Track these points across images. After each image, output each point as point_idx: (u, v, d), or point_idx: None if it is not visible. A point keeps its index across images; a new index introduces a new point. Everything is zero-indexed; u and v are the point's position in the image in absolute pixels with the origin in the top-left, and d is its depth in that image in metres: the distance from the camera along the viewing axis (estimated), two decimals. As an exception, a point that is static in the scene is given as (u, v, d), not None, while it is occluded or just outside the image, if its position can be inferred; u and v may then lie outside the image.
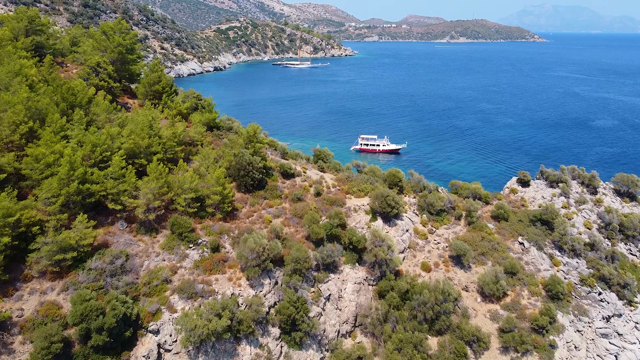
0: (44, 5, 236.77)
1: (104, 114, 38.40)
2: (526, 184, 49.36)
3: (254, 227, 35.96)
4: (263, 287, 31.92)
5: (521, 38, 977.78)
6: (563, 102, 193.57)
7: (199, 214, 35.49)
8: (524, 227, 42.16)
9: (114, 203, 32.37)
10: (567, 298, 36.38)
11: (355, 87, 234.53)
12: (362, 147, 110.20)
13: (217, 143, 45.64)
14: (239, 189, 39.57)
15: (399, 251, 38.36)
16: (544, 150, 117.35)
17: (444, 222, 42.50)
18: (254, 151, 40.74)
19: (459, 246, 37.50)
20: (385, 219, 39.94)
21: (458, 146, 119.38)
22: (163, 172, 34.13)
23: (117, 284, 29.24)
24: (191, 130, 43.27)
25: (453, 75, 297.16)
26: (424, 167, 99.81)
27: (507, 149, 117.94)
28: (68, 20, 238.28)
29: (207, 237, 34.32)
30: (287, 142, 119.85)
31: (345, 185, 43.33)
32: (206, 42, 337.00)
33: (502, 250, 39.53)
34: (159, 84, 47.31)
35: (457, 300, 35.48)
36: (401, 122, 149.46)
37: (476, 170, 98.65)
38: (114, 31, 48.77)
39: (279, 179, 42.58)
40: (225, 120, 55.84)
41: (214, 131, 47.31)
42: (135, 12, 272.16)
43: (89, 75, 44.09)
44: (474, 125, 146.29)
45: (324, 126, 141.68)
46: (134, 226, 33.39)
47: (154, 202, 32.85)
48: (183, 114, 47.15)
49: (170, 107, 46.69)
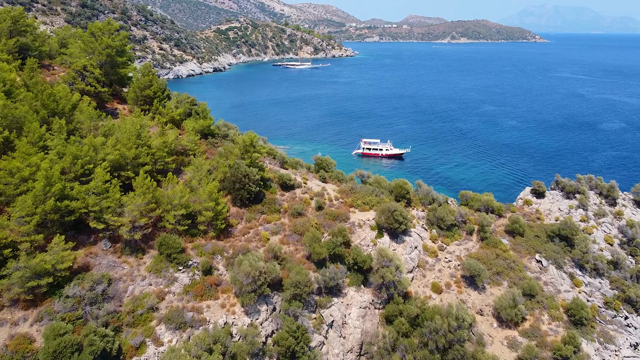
0: (41, 5, 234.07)
1: (88, 122, 35.49)
2: (541, 195, 46.42)
3: (250, 245, 33.05)
4: (259, 315, 29.00)
5: (522, 38, 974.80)
6: (567, 103, 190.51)
7: (190, 232, 32.58)
8: (542, 243, 39.21)
9: (96, 221, 29.47)
10: (592, 323, 33.47)
11: (356, 88, 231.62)
12: (364, 152, 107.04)
13: (212, 152, 42.73)
14: (234, 202, 36.66)
15: (408, 270, 35.43)
16: (551, 154, 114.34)
17: (454, 237, 39.56)
18: (250, 162, 37.84)
19: (473, 266, 34.56)
20: (392, 235, 37.01)
21: (462, 150, 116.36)
22: (151, 187, 31.23)
23: (97, 313, 26.33)
24: (184, 139, 40.35)
25: (455, 76, 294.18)
26: (428, 172, 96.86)
27: (513, 153, 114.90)
28: (65, 20, 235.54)
29: (198, 257, 31.40)
30: (287, 146, 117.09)
31: (348, 197, 40.40)
32: (206, 42, 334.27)
33: (518, 269, 36.58)
34: (150, 88, 44.38)
35: (472, 326, 32.55)
36: (403, 125, 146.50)
37: (482, 176, 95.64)
38: (103, 32, 45.86)
39: (278, 191, 39.67)
40: (222, 126, 53.00)
41: (209, 139, 44.40)
42: (134, 13, 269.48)
43: (75, 80, 41.18)
44: (478, 128, 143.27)
45: (325, 129, 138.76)
46: (118, 246, 30.48)
47: (140, 220, 29.95)
48: (176, 121, 44.27)
49: (162, 114, 43.80)
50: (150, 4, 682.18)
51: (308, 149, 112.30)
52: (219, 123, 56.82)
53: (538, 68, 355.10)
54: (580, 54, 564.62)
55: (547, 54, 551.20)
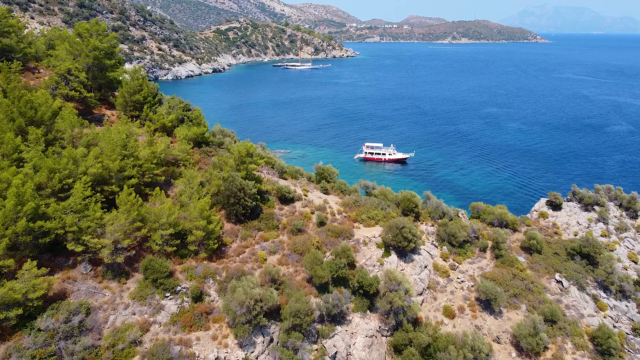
0: (38, 5, 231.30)
1: (69, 131, 32.60)
2: (557, 207, 43.51)
3: (246, 267, 30.16)
4: (255, 347, 26.11)
5: (523, 39, 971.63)
6: (572, 105, 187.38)
7: (179, 253, 29.69)
8: (561, 261, 36.31)
9: (75, 243, 26.61)
10: (620, 353, 30.59)
11: (357, 90, 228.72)
12: (366, 156, 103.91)
13: (206, 162, 39.87)
14: (228, 218, 33.78)
15: (417, 293, 32.53)
16: (558, 157, 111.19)
17: (467, 255, 36.66)
18: (246, 174, 34.96)
19: (489, 289, 31.66)
20: (400, 253, 34.12)
21: (466, 153, 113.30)
22: (136, 204, 28.36)
23: (72, 349, 23.47)
24: (175, 148, 37.47)
25: (457, 77, 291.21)
26: (432, 177, 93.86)
27: (518, 156, 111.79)
28: (63, 20, 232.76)
29: (187, 281, 28.52)
30: (287, 150, 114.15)
31: (352, 211, 37.51)
32: (205, 43, 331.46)
33: (537, 290, 33.68)
34: (139, 93, 41.48)
35: (489, 356, 29.64)
36: (405, 127, 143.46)
37: (487, 180, 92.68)
38: (90, 33, 42.99)
39: (276, 204, 36.79)
40: (218, 132, 50.17)
41: (203, 147, 41.51)
42: (132, 13, 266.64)
43: (58, 84, 38.30)
44: (481, 130, 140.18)
45: (326, 131, 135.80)
46: (99, 269, 27.61)
47: (124, 242, 27.08)
48: (167, 128, 41.42)
49: (153, 120, 40.93)
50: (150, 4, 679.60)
51: (309, 152, 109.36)
52: (215, 129, 53.99)
53: (540, 69, 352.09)
54: (582, 54, 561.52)
55: (548, 54, 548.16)
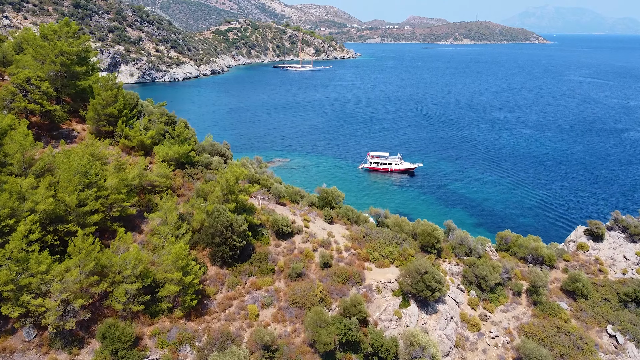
0: (32, 5, 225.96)
1: (19, 155, 26.78)
2: (599, 238, 37.69)
3: (232, 327, 24.30)
4: None
5: (525, 40, 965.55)
6: (584, 109, 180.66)
7: (149, 310, 23.86)
8: (613, 309, 30.47)
9: (11, 305, 20.83)
10: None
11: (360, 92, 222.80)
12: (371, 166, 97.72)
13: (190, 186, 34.03)
14: (213, 260, 27.92)
15: (444, 353, 26.64)
16: (579, 168, 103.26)
17: (499, 300, 30.79)
18: (236, 206, 29.12)
19: (532, 351, 25.76)
20: (421, 303, 28.25)
21: (477, 163, 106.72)
22: (94, 251, 22.55)
23: None
24: (152, 172, 31.64)
25: (461, 79, 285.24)
26: (443, 191, 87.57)
27: (534, 167, 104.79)
28: (57, 21, 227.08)
29: (159, 350, 22.67)
30: (286, 159, 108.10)
31: (362, 247, 31.64)
32: (204, 44, 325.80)
33: (588, 349, 27.78)
34: (114, 105, 35.67)
35: None
36: (411, 133, 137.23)
37: (503, 195, 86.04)
38: (59, 35, 37.23)
39: (272, 239, 30.92)
40: (208, 146, 44.44)
41: (187, 169, 35.64)
42: (129, 13, 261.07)
43: (14, 97, 32.51)
44: (491, 137, 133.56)
45: (327, 137, 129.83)
46: (45, 336, 21.80)
47: (76, 302, 21.28)
48: (146, 146, 35.62)
49: (130, 137, 35.15)
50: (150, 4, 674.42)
51: (309, 162, 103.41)
52: (206, 142, 48.24)
53: (545, 70, 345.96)
54: (586, 55, 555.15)
55: (552, 55, 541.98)
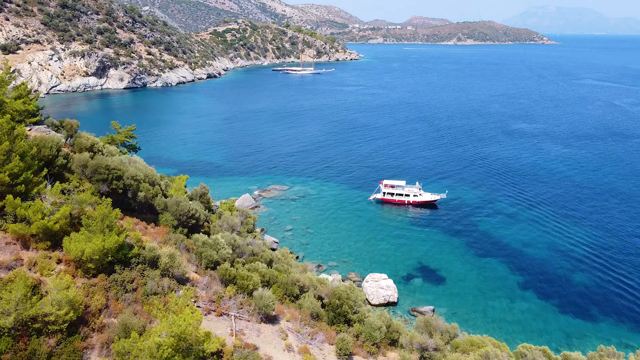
0: (15, 5, 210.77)
1: None
2: None
3: None
4: None
5: (529, 40, 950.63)
6: (612, 119, 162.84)
7: None
8: None
9: None
10: None
11: (365, 98, 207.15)
12: (385, 197, 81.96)
13: (119, 307, 18.79)
14: None
15: None
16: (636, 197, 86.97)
17: None
18: None
19: None
20: None
21: (506, 192, 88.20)
22: None
23: None
24: (50, 294, 16.34)
25: (470, 83, 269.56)
26: (474, 236, 69.55)
27: (581, 200, 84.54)
28: (42, 22, 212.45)
29: None
30: (285, 186, 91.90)
31: None
32: (201, 45, 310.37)
33: None
34: (5, 165, 20.50)
35: None
36: (424, 150, 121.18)
37: (548, 239, 66.59)
38: None
39: None
40: (172, 204, 29.69)
41: (116, 274, 20.32)
42: (120, 14, 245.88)
43: None
44: (517, 155, 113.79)
45: (331, 156, 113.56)
46: None
47: None
48: (54, 234, 20.56)
49: (29, 219, 20.07)
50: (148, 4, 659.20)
51: (311, 189, 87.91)
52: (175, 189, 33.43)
53: (558, 73, 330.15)
54: (594, 56, 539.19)
55: (560, 57, 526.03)
